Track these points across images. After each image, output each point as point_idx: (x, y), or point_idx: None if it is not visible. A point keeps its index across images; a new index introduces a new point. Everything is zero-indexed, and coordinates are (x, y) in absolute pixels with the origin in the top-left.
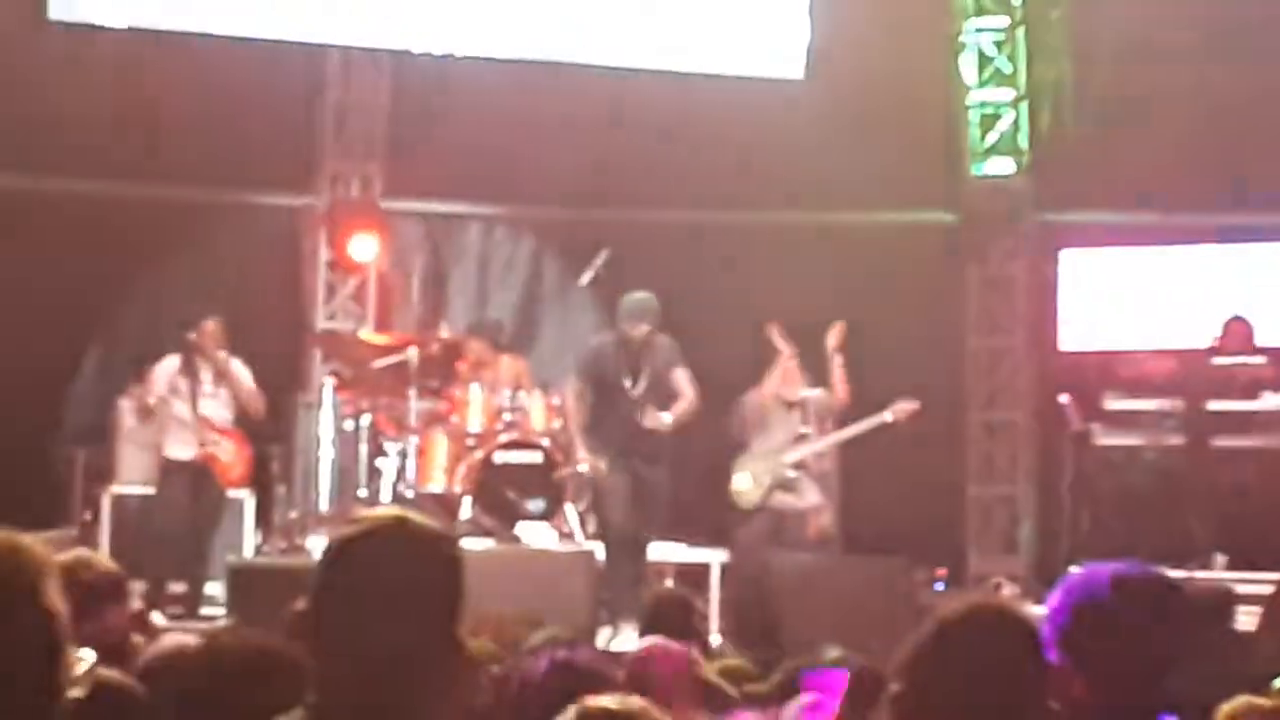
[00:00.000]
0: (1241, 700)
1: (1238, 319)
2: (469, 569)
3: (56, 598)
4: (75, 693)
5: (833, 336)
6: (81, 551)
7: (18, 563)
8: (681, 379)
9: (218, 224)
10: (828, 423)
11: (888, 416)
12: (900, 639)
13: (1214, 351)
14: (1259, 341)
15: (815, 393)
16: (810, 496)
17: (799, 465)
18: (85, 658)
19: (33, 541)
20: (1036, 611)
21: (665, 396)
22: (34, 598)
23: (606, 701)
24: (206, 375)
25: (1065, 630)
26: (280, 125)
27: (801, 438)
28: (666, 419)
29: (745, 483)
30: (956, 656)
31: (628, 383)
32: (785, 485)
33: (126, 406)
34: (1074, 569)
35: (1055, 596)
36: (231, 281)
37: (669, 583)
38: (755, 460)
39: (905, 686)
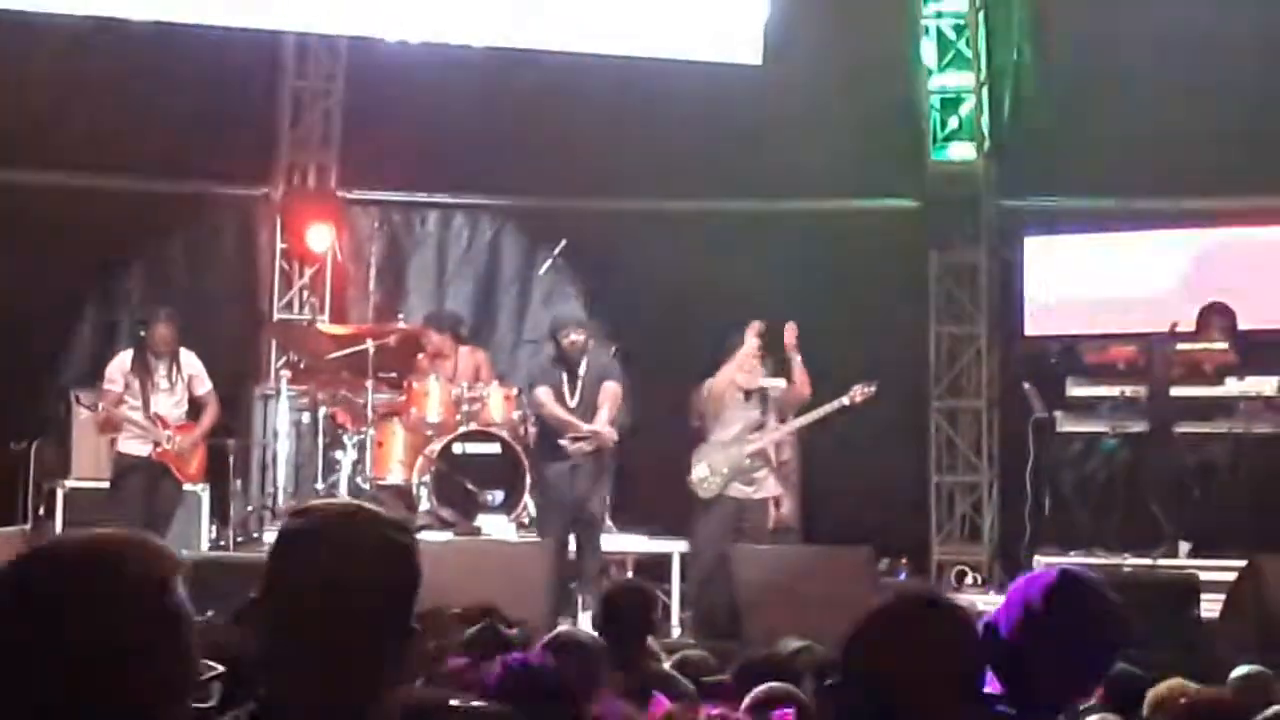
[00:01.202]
0: (1175, 682)
1: (1215, 305)
2: (428, 561)
3: (184, 599)
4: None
5: (789, 334)
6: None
7: (148, 564)
8: (606, 393)
9: (172, 215)
10: (786, 413)
11: (845, 400)
12: None
13: (1184, 337)
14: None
15: (773, 382)
16: (769, 486)
17: (757, 455)
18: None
19: (161, 543)
20: (999, 600)
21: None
22: (163, 598)
23: None
24: (160, 370)
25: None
26: (235, 115)
27: (759, 427)
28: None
29: (703, 473)
30: (889, 645)
31: (565, 393)
32: (743, 475)
33: (82, 401)
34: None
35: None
36: (186, 273)
37: (629, 573)
38: (713, 450)
39: (842, 676)
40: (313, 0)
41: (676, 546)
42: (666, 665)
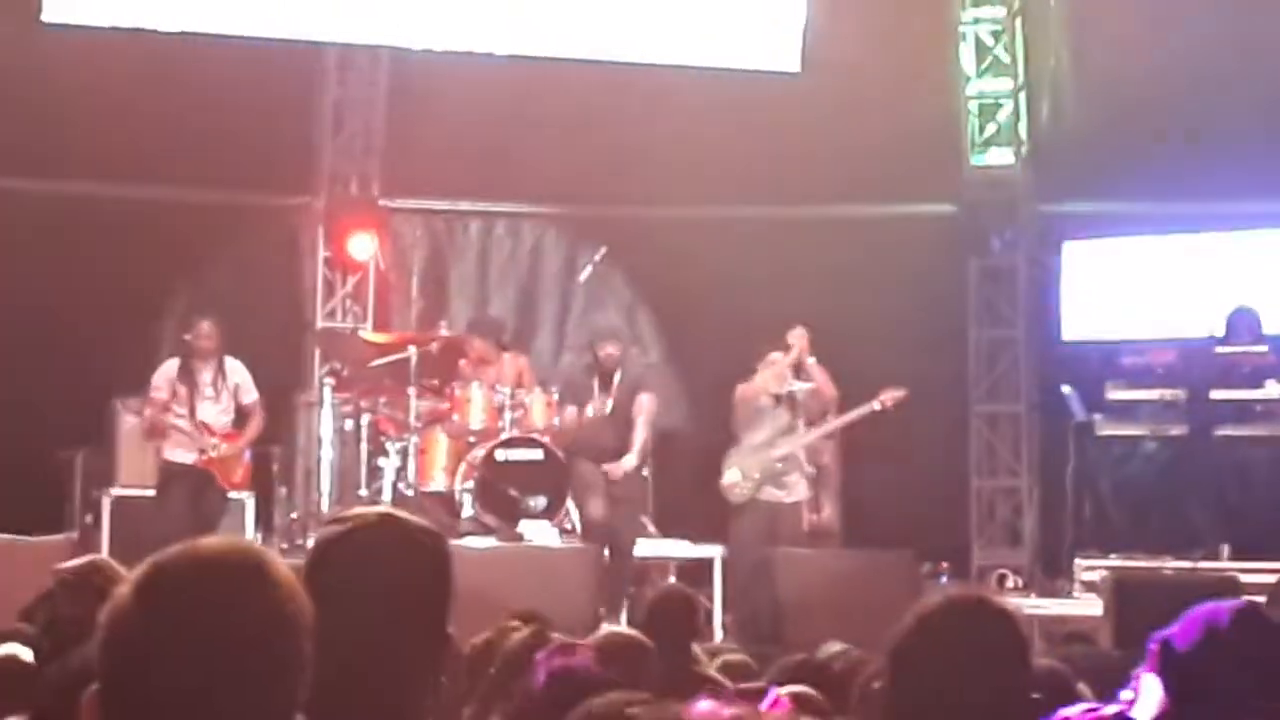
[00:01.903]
0: None
1: (1242, 309)
2: (472, 568)
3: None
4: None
5: (796, 340)
6: (96, 557)
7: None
8: (640, 405)
9: (217, 225)
10: (815, 417)
11: (875, 405)
12: None
13: (1217, 341)
14: (1265, 330)
15: (803, 386)
16: (800, 490)
17: (788, 459)
18: None
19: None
20: (1039, 604)
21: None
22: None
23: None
24: (205, 378)
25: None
26: (278, 124)
27: (789, 431)
28: (629, 462)
29: (734, 477)
30: (937, 647)
31: (600, 403)
32: (775, 480)
33: (127, 409)
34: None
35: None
36: (230, 282)
37: (671, 578)
38: (744, 455)
39: (889, 680)
40: (356, 12)
41: (718, 551)
42: (710, 670)
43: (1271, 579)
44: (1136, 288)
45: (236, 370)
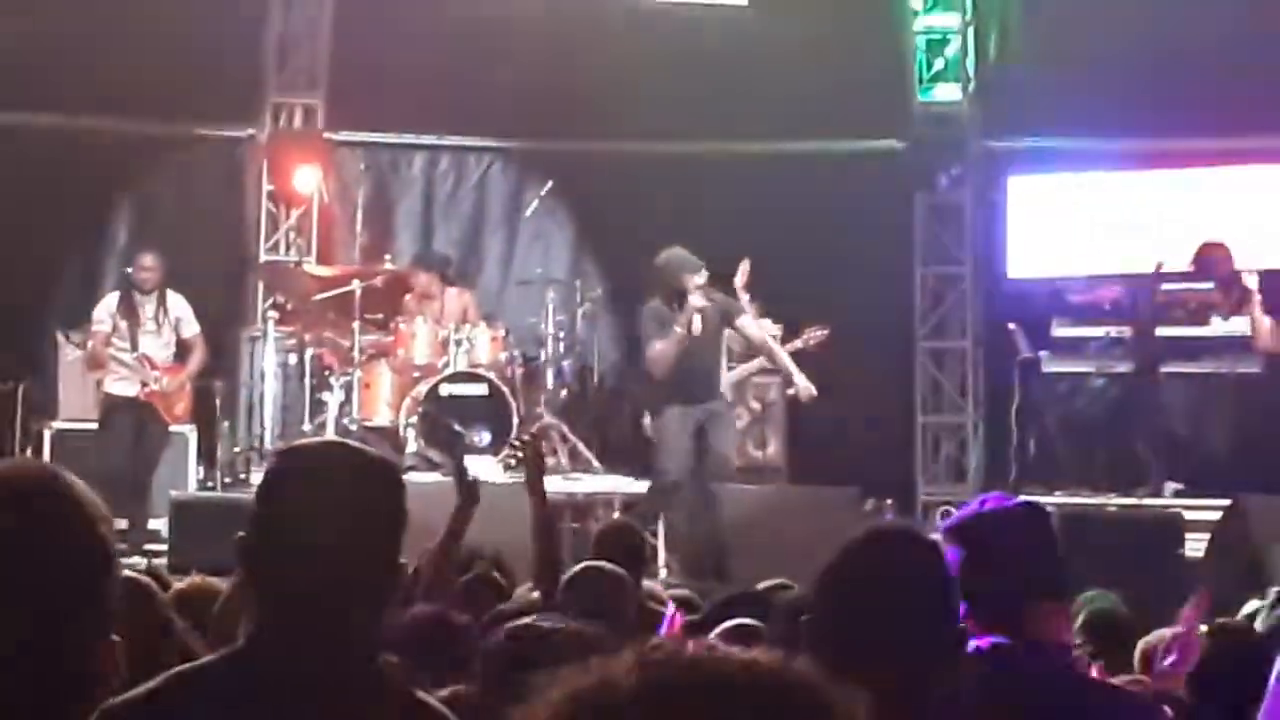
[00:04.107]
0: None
1: (1212, 243)
2: (415, 502)
3: (107, 530)
4: None
5: (740, 274)
6: None
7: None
8: (754, 329)
9: (159, 156)
10: (744, 353)
11: (798, 343)
12: None
13: (1170, 277)
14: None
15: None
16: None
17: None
18: None
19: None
20: None
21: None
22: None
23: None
24: (147, 311)
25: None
26: (222, 57)
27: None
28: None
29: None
30: (862, 578)
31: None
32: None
33: (68, 341)
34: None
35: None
36: (174, 215)
37: (616, 514)
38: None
39: (816, 612)
40: None
41: None
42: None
43: (1214, 516)
44: (1083, 224)
45: (178, 303)
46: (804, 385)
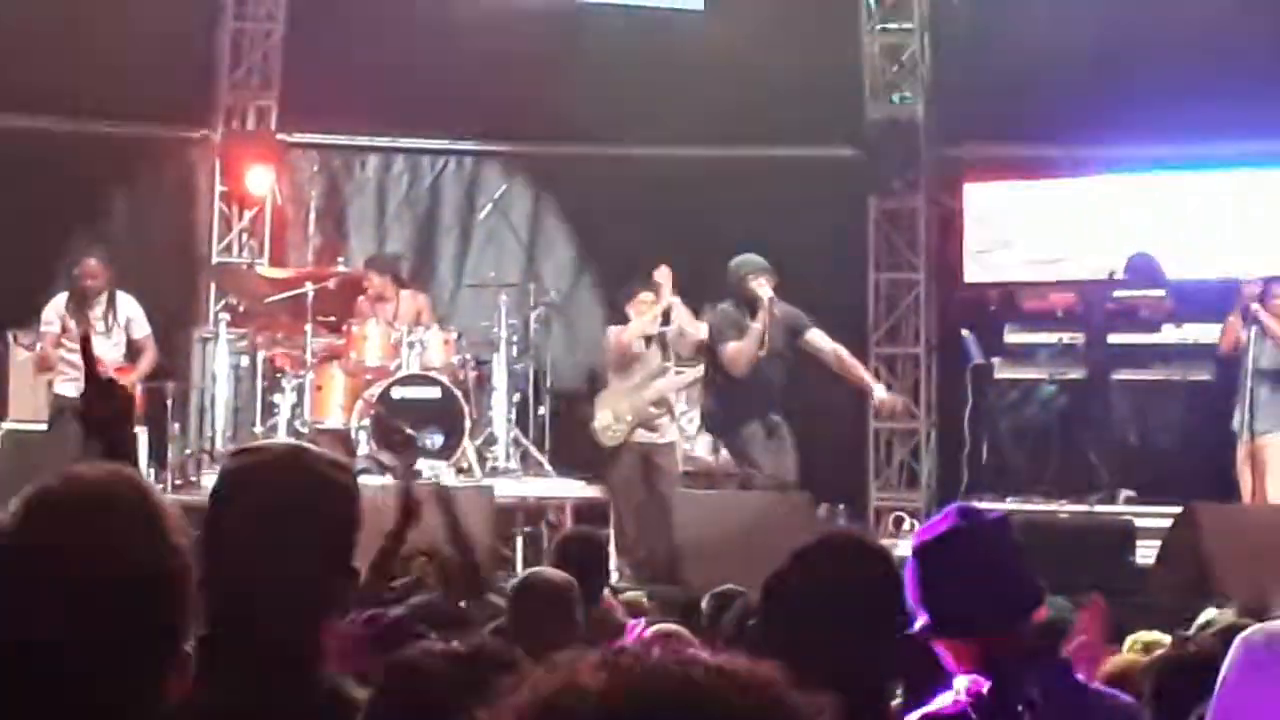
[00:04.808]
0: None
1: (1142, 253)
2: (367, 505)
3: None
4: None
5: (662, 278)
6: None
7: (147, 502)
8: (821, 343)
9: (113, 158)
10: (689, 357)
11: None
12: None
13: (1122, 284)
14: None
15: (671, 328)
16: (672, 432)
17: (659, 401)
18: None
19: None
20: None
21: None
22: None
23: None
24: (97, 312)
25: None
26: (174, 56)
27: (661, 373)
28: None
29: (606, 420)
30: (811, 584)
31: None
32: (647, 422)
33: (18, 342)
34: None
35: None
36: (127, 216)
37: (567, 519)
38: (616, 397)
39: (766, 615)
40: None
41: None
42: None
43: (1166, 523)
44: (1036, 231)
45: (128, 305)
46: (882, 394)
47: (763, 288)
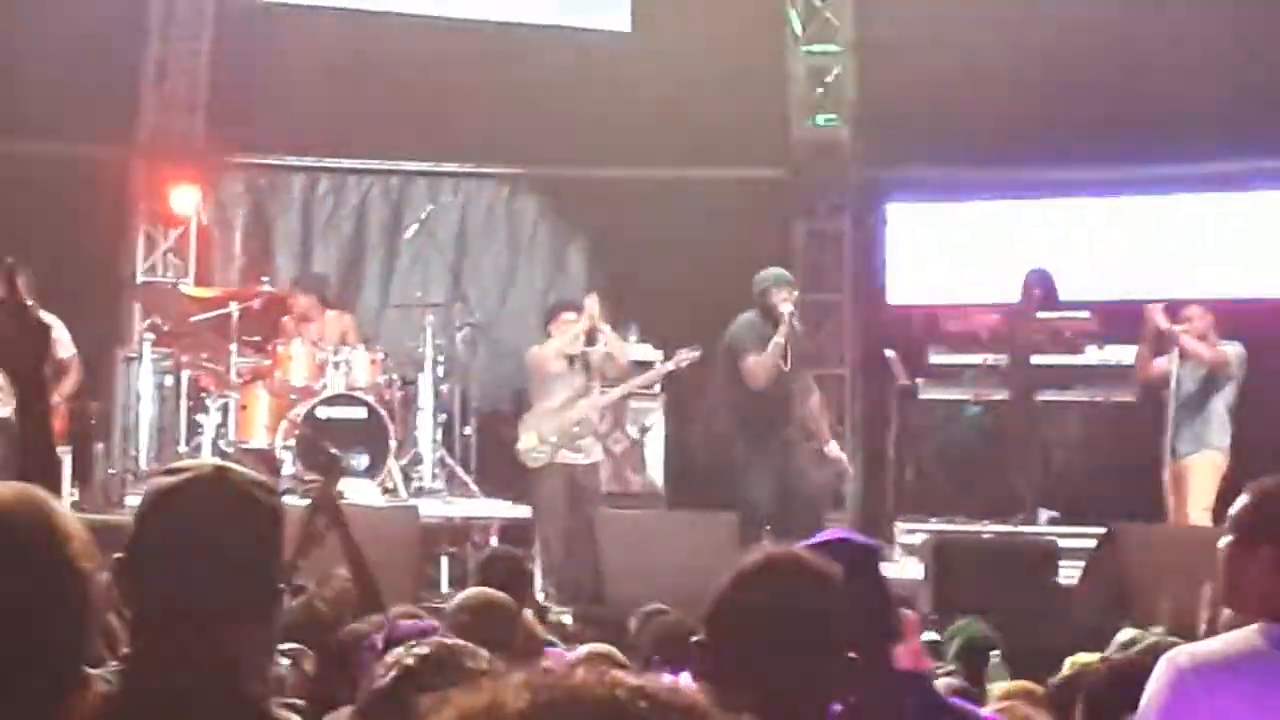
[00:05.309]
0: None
1: (1038, 269)
2: (292, 526)
3: (87, 560)
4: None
5: (591, 305)
6: None
7: (50, 524)
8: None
9: (35, 176)
10: (613, 379)
11: (670, 365)
12: None
13: (1045, 305)
14: (1074, 296)
15: (596, 349)
16: (596, 452)
17: (582, 422)
18: None
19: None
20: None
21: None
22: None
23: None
24: None
25: None
26: (99, 75)
27: (585, 394)
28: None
29: (531, 442)
30: (753, 605)
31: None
32: (570, 442)
33: None
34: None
35: None
36: (50, 234)
37: (493, 539)
38: (539, 419)
39: (707, 636)
40: None
41: None
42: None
43: (1089, 544)
44: (960, 252)
45: (51, 325)
46: (836, 452)
47: (784, 303)
